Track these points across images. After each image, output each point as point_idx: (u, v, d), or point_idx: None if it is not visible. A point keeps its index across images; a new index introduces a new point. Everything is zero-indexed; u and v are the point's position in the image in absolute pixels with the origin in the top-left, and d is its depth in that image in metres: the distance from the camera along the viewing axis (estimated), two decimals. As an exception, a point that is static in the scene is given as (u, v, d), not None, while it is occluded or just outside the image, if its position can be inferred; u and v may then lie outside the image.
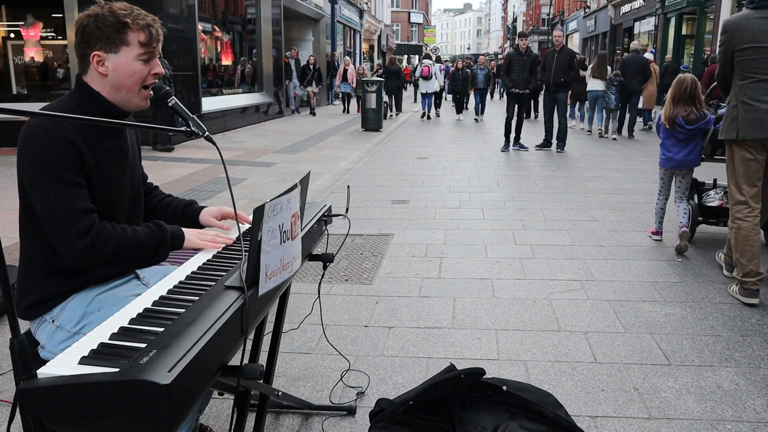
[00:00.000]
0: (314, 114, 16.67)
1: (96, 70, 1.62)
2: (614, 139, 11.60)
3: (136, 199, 1.83)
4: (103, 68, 1.62)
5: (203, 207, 2.02)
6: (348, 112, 18.02)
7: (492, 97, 24.87)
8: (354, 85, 17.70)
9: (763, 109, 3.35)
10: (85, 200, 1.57)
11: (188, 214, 1.98)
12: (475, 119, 16.09)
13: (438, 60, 18.26)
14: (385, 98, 16.31)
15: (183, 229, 1.77)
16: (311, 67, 16.91)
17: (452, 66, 18.84)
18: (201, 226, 1.98)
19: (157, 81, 1.72)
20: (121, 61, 1.62)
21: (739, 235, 3.48)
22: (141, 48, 1.62)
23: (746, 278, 3.44)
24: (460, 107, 16.75)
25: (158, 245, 1.68)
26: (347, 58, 19.29)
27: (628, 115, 12.07)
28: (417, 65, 33.19)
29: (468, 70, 16.93)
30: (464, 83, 16.33)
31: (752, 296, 3.43)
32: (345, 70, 17.72)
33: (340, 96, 18.68)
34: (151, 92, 1.72)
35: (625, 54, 13.28)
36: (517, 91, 10.00)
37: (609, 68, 11.95)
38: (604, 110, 11.87)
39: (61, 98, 1.67)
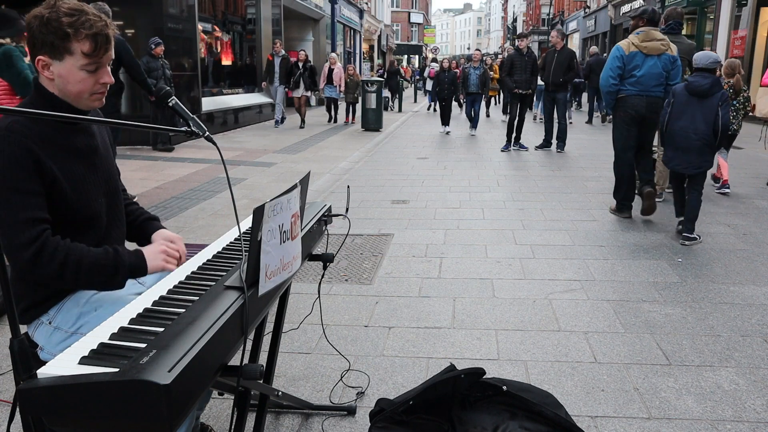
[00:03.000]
0: (303, 126, 13.09)
1: (42, 74, 1.57)
2: (570, 123, 13.51)
3: (113, 197, 1.77)
4: (48, 73, 1.56)
5: (161, 227, 1.90)
6: (335, 121, 14.57)
7: (495, 103, 19.32)
8: (342, 88, 14.37)
9: None
10: (35, 210, 1.50)
11: (144, 227, 1.89)
12: (471, 134, 12.51)
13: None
14: (387, 94, 16.44)
15: (146, 251, 1.66)
16: (300, 65, 13.05)
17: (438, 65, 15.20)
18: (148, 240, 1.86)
19: (105, 89, 1.65)
20: (66, 69, 1.55)
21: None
22: (85, 58, 1.55)
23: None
24: (446, 117, 12.89)
25: (112, 273, 1.57)
26: (333, 55, 15.07)
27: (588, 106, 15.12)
28: (423, 66, 33.08)
29: (457, 70, 13.63)
30: (452, 87, 12.75)
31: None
32: (330, 70, 14.18)
33: (325, 102, 15.11)
34: (103, 94, 1.66)
35: (589, 57, 16.17)
36: (520, 91, 10.01)
37: None
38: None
39: (22, 102, 1.65)
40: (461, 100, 12.68)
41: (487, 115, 17.31)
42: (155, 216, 1.97)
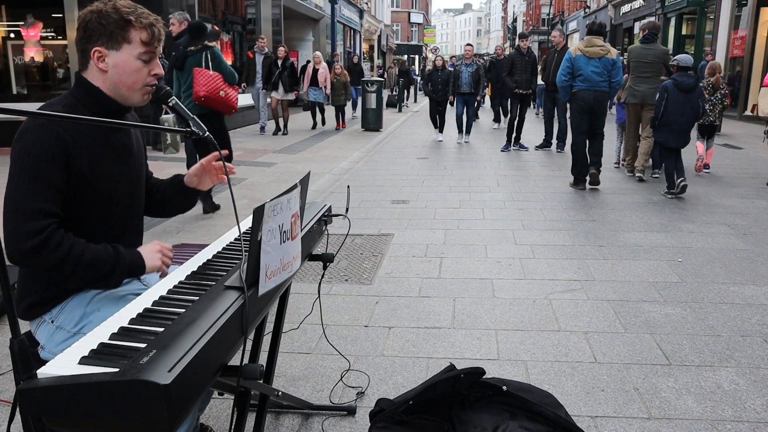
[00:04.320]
0: (285, 133, 11.80)
1: (96, 66, 1.61)
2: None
3: (136, 197, 1.81)
4: (103, 64, 1.61)
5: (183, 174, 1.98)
6: (322, 123, 13.35)
7: (500, 113, 14.53)
8: (327, 91, 12.82)
9: (638, 90, 7.16)
10: (49, 202, 1.52)
11: (176, 185, 1.95)
12: (458, 142, 11.13)
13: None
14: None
15: (142, 251, 1.68)
16: (279, 63, 11.37)
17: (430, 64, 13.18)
18: (190, 190, 1.94)
19: (156, 82, 1.71)
20: (122, 58, 1.61)
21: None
22: (143, 47, 1.62)
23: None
24: (438, 122, 11.50)
25: (111, 270, 1.59)
26: (317, 53, 13.35)
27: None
28: (424, 67, 33.03)
29: (450, 69, 11.51)
30: (446, 88, 11.04)
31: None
32: (315, 71, 12.68)
33: (309, 105, 13.48)
34: (153, 89, 1.71)
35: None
36: (520, 91, 10.01)
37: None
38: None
39: (63, 95, 1.67)
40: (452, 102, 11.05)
41: (499, 119, 14.66)
42: (175, 174, 1.99)
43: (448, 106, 11.37)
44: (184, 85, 5.61)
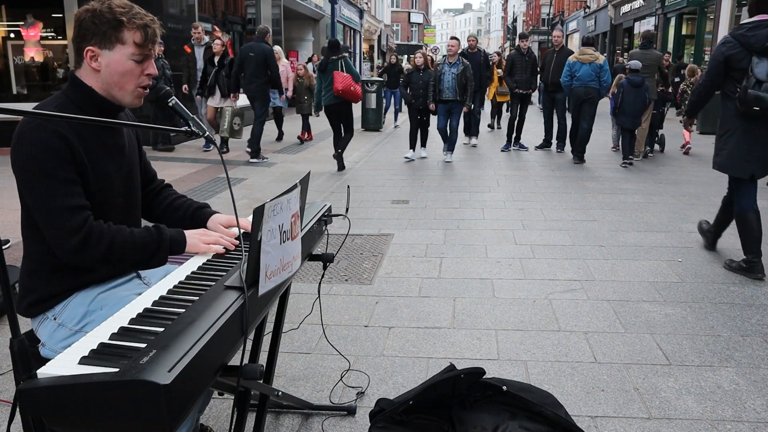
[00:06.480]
0: (226, 150, 9.18)
1: (89, 65, 1.62)
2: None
3: (132, 197, 1.80)
4: (96, 64, 1.61)
5: (214, 212, 1.94)
6: (281, 139, 10.85)
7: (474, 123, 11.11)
8: (289, 94, 10.56)
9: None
10: (78, 197, 1.55)
11: (197, 218, 1.92)
12: (446, 161, 8.90)
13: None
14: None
15: (186, 232, 1.72)
16: (215, 61, 8.88)
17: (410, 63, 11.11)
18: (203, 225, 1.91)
19: (151, 82, 1.70)
20: (115, 58, 1.61)
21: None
22: (136, 48, 1.61)
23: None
24: (421, 135, 9.14)
25: (155, 249, 1.64)
26: (276, 48, 10.02)
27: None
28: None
29: (434, 68, 9.31)
30: (428, 93, 8.57)
31: None
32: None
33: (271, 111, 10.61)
34: (147, 91, 1.70)
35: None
36: (520, 91, 10.01)
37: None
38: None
39: (55, 95, 1.67)
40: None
41: (498, 126, 13.42)
42: (204, 203, 1.98)
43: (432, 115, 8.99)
44: (325, 83, 7.68)
